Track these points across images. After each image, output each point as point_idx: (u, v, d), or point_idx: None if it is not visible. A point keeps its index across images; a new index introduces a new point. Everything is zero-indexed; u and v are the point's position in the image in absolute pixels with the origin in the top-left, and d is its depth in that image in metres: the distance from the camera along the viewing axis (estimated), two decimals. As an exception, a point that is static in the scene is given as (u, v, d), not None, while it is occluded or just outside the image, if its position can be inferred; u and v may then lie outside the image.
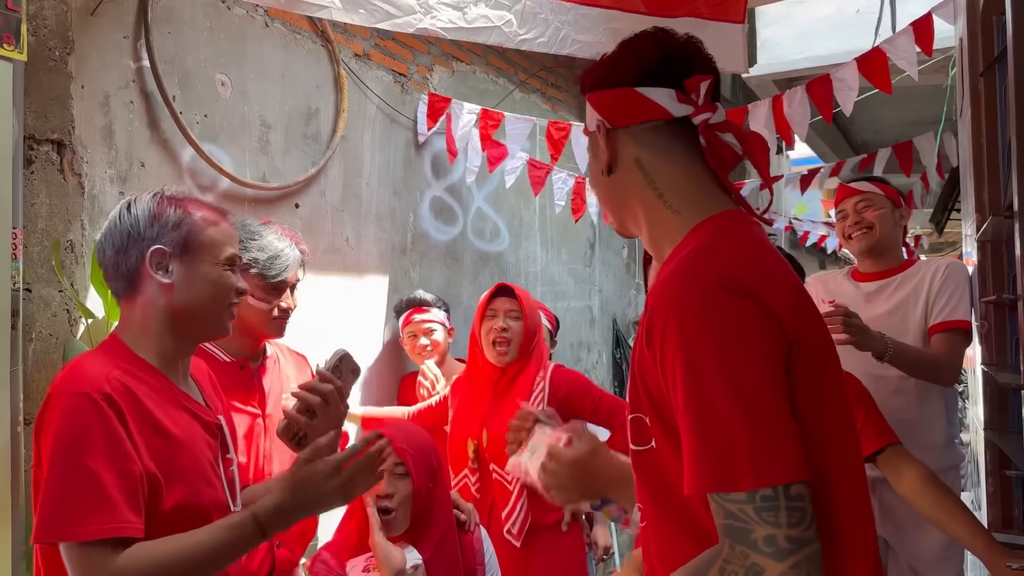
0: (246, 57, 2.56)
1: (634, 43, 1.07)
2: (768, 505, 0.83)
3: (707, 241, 0.98)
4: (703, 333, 0.88)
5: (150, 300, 1.35)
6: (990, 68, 2.04)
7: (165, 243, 1.34)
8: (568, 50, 2.57)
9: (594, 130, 1.09)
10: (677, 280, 0.93)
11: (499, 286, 2.49)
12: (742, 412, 0.84)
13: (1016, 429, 2.10)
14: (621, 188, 1.08)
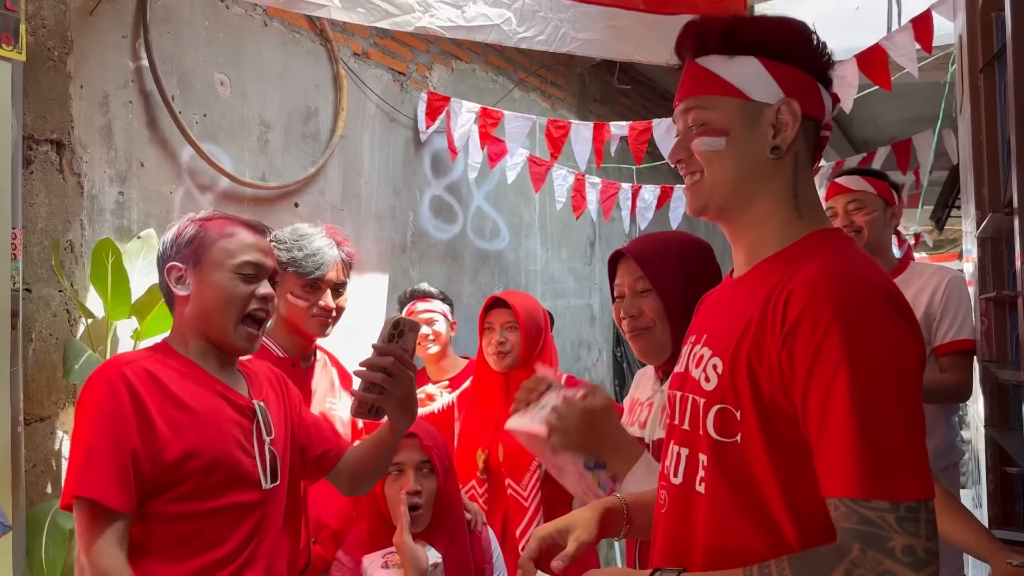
0: (245, 56, 2.56)
1: (812, 37, 1.03)
2: (911, 517, 0.84)
3: (845, 252, 0.97)
4: (878, 343, 0.87)
5: (180, 311, 1.48)
6: (990, 64, 2.04)
7: (180, 259, 1.45)
8: (567, 48, 2.56)
9: (770, 103, 0.99)
10: (831, 283, 0.90)
11: (493, 299, 2.44)
12: (906, 425, 0.86)
13: (1016, 426, 2.10)
14: (767, 172, 1.01)
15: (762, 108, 1.00)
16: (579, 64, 4.60)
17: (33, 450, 1.91)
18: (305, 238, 2.00)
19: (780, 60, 1.00)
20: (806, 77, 1.01)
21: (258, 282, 1.46)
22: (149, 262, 2.13)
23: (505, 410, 2.37)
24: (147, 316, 2.03)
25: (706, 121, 1.02)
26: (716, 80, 1.01)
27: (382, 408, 1.48)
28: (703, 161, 1.03)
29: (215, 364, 1.47)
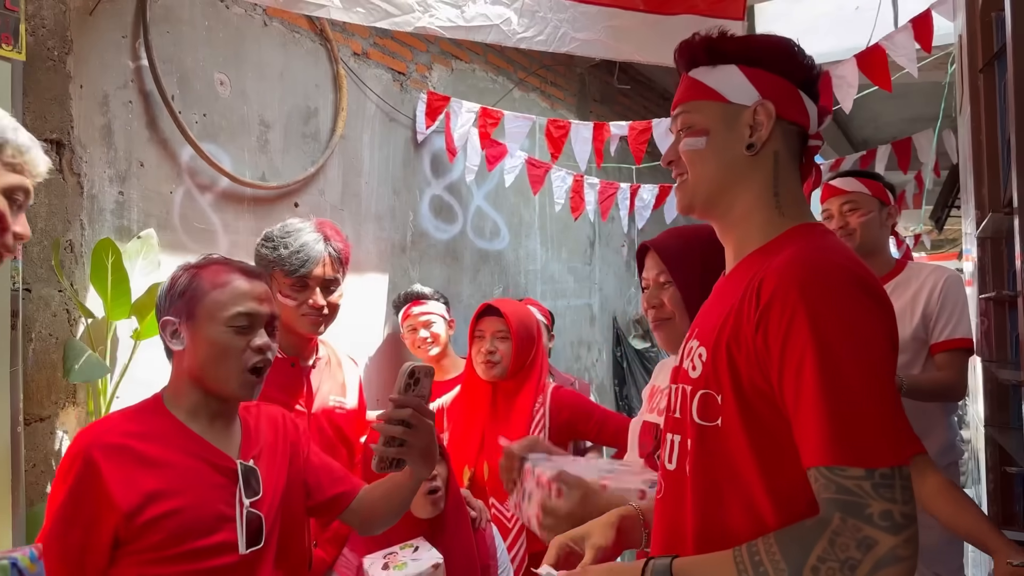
0: (245, 56, 2.56)
1: (794, 48, 1.12)
2: (886, 483, 0.88)
3: (817, 241, 1.03)
4: (837, 319, 0.92)
5: (178, 365, 1.44)
6: (989, 64, 2.04)
7: (172, 313, 1.43)
8: (567, 48, 2.56)
9: (747, 105, 1.08)
10: (799, 268, 0.96)
11: (485, 306, 2.41)
12: (874, 394, 0.90)
13: (1016, 426, 2.10)
14: (746, 169, 1.10)
15: (740, 110, 1.09)
16: (579, 64, 4.60)
17: (33, 450, 1.91)
18: (291, 235, 1.95)
19: (758, 67, 1.09)
20: (785, 83, 1.09)
21: (253, 332, 1.42)
22: (149, 262, 2.13)
23: (491, 422, 2.36)
24: (147, 316, 2.03)
25: (691, 124, 1.12)
26: (700, 87, 1.12)
27: (403, 462, 1.45)
28: (687, 161, 1.13)
29: (205, 420, 1.43)
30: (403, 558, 1.82)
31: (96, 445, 1.32)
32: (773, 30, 5.09)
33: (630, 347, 4.99)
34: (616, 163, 4.43)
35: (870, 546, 0.86)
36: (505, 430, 2.29)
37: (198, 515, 1.34)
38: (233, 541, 1.36)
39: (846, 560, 0.87)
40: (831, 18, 4.86)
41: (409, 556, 1.82)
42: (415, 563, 1.80)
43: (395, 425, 1.40)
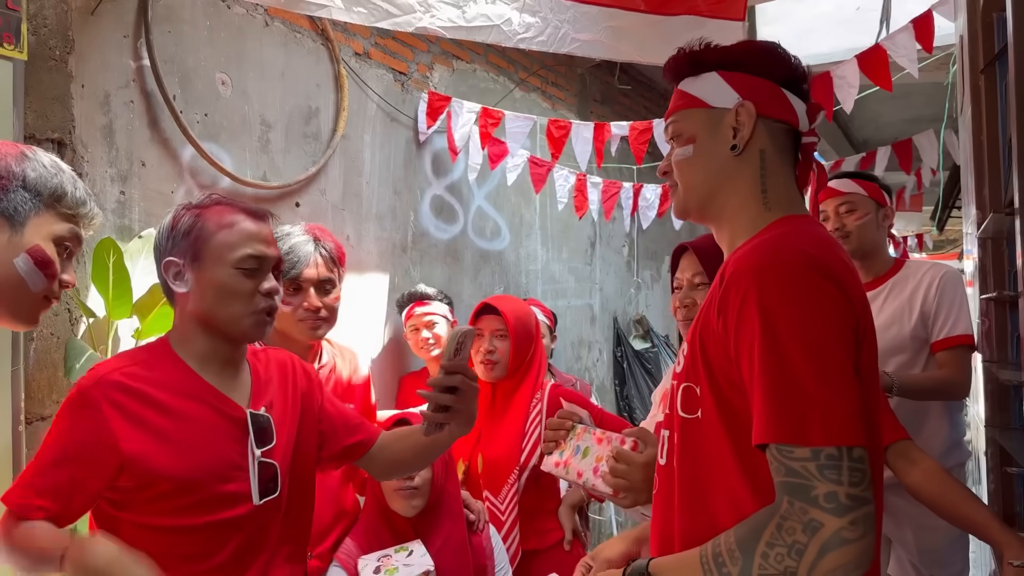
0: (246, 56, 2.56)
1: (775, 49, 1.15)
2: (832, 464, 0.88)
3: (789, 229, 1.06)
4: (785, 299, 0.93)
5: (182, 308, 1.40)
6: (990, 65, 2.04)
7: (176, 254, 1.38)
8: (567, 48, 2.56)
9: (729, 107, 1.11)
10: (759, 253, 0.99)
11: (484, 304, 2.40)
12: (817, 373, 0.90)
13: (1017, 426, 2.10)
14: (733, 170, 1.12)
15: (723, 113, 1.12)
16: (580, 64, 4.60)
17: (34, 449, 1.90)
18: (280, 239, 1.92)
19: (738, 70, 1.13)
20: (765, 83, 1.12)
21: (262, 275, 1.39)
22: (150, 261, 2.10)
23: (488, 420, 2.35)
24: (148, 315, 2.03)
25: (679, 133, 1.17)
26: (685, 96, 1.17)
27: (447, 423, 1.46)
28: (677, 170, 1.17)
29: (215, 367, 1.40)
30: (396, 562, 1.82)
31: (103, 385, 1.28)
32: (774, 31, 5.09)
33: (630, 347, 4.99)
34: (617, 163, 4.43)
35: (815, 529, 0.86)
36: (501, 426, 2.30)
37: (209, 464, 1.31)
38: (247, 491, 1.34)
39: (792, 544, 0.86)
40: (832, 18, 4.86)
41: (402, 561, 1.82)
42: (407, 568, 1.80)
43: (445, 392, 1.40)
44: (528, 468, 2.25)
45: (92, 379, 1.30)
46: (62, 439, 1.27)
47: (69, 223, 1.25)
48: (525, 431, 2.28)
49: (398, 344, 3.22)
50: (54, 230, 1.23)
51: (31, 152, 1.25)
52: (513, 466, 2.24)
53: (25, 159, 1.22)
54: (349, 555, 1.92)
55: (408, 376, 3.16)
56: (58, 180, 1.24)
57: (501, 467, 2.25)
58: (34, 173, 1.21)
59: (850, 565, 0.86)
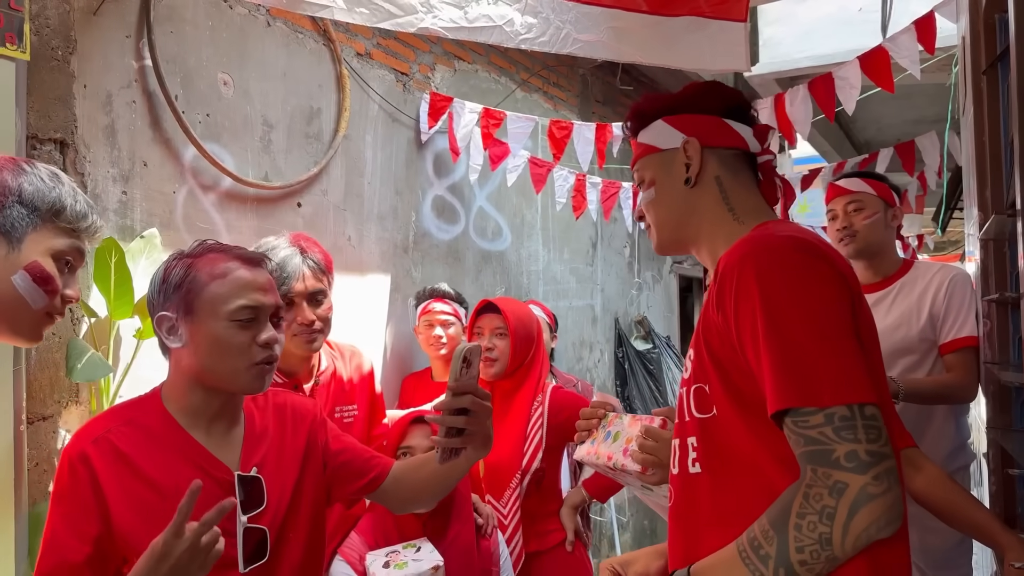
0: (248, 56, 2.56)
1: (712, 87, 1.26)
2: (846, 424, 0.90)
3: (770, 226, 1.13)
4: (779, 276, 0.98)
5: (177, 362, 1.36)
6: (992, 66, 2.04)
7: (169, 308, 1.33)
8: (569, 49, 2.56)
9: (677, 147, 1.22)
10: (747, 244, 1.04)
11: (484, 303, 2.40)
12: (819, 338, 0.94)
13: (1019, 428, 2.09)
14: (696, 200, 1.22)
15: (674, 153, 1.23)
16: (581, 65, 4.60)
17: (35, 449, 1.91)
18: (267, 254, 1.90)
19: (679, 113, 1.24)
20: (707, 118, 1.23)
21: (259, 325, 1.33)
22: (152, 261, 2.13)
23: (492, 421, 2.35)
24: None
25: (642, 179, 1.28)
26: (641, 146, 1.28)
27: (463, 449, 1.39)
28: (646, 212, 1.28)
29: (204, 424, 1.35)
30: (405, 557, 1.82)
31: (92, 448, 1.27)
32: (776, 32, 5.09)
33: (632, 348, 4.99)
34: (618, 164, 4.43)
35: (841, 491, 0.87)
36: (502, 430, 2.29)
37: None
38: (234, 557, 1.29)
39: (823, 509, 0.88)
40: (834, 19, 4.86)
41: (411, 556, 1.82)
42: (416, 563, 1.80)
43: (456, 415, 1.33)
44: (530, 472, 2.25)
45: (82, 443, 1.28)
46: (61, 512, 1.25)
47: (69, 238, 1.22)
48: (527, 435, 2.27)
49: (400, 344, 3.22)
50: (53, 245, 1.20)
51: (29, 165, 1.21)
52: (515, 470, 2.23)
53: (22, 172, 1.18)
54: (354, 549, 1.92)
55: (410, 376, 3.16)
56: (56, 194, 1.19)
57: (503, 471, 2.24)
58: (31, 187, 1.18)
59: (881, 520, 0.87)
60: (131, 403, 1.39)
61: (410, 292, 3.28)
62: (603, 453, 1.49)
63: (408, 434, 1.94)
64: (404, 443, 1.93)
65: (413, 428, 1.95)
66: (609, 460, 1.47)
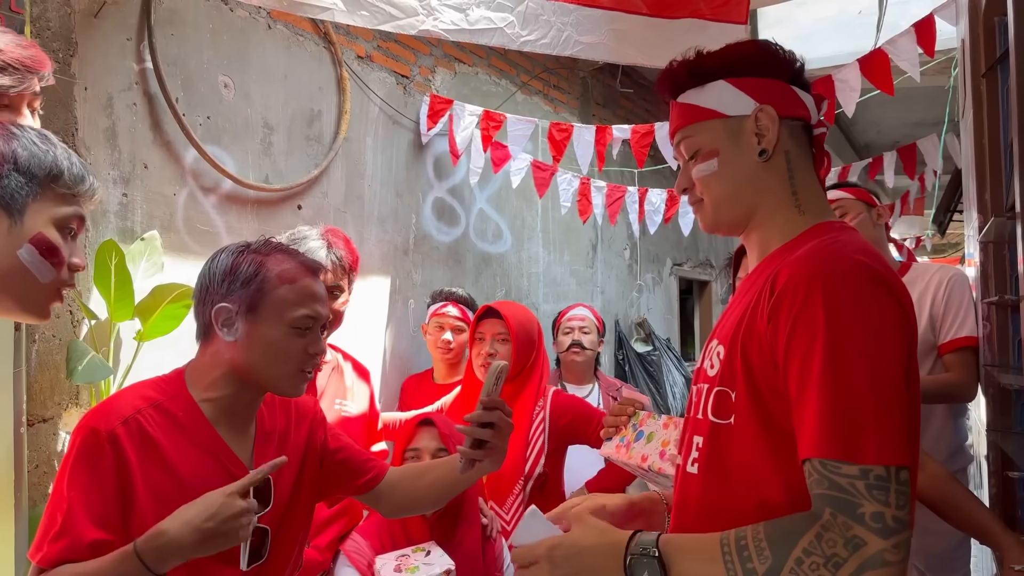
0: (249, 59, 2.57)
1: (774, 47, 1.12)
2: (880, 485, 0.86)
3: (837, 236, 1.02)
4: (851, 311, 0.91)
5: (216, 352, 1.32)
6: (992, 69, 2.04)
7: (232, 300, 1.30)
8: (570, 51, 2.56)
9: (747, 114, 1.09)
10: (818, 261, 0.96)
11: (486, 308, 2.39)
12: (876, 391, 0.88)
13: (1019, 430, 2.09)
14: (763, 176, 1.10)
15: (742, 121, 1.09)
16: (582, 68, 4.60)
17: (36, 451, 1.91)
18: (296, 243, 1.95)
19: (746, 75, 1.10)
20: (776, 83, 1.10)
21: (313, 335, 1.34)
22: (152, 264, 2.13)
23: None
24: (150, 317, 2.04)
25: (698, 147, 1.12)
26: (694, 109, 1.12)
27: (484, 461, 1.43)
28: (702, 185, 1.13)
29: (229, 417, 1.34)
30: (415, 561, 1.81)
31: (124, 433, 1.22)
32: (775, 34, 5.09)
33: (632, 350, 4.99)
34: (618, 167, 4.43)
35: (858, 546, 0.85)
36: None
37: None
38: (236, 554, 1.28)
39: (831, 556, 0.85)
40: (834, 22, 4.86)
41: (421, 560, 1.81)
42: (427, 567, 1.79)
43: (484, 427, 1.38)
44: (533, 477, 2.24)
45: (116, 419, 1.23)
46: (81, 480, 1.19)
47: (70, 204, 1.15)
48: (529, 440, 2.26)
49: (400, 346, 3.22)
50: (55, 214, 1.13)
51: (18, 128, 1.14)
52: (518, 476, 2.23)
53: (12, 137, 1.11)
54: (360, 553, 1.91)
55: (411, 378, 3.16)
56: (52, 157, 1.12)
57: (506, 477, 2.23)
58: (25, 152, 1.10)
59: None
60: (154, 383, 1.34)
61: (410, 294, 3.28)
62: (637, 452, 1.48)
63: (416, 436, 1.94)
64: (412, 445, 1.93)
65: (421, 430, 1.95)
66: (644, 462, 1.46)
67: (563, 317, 3.14)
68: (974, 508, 1.59)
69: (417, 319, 3.28)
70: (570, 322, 3.10)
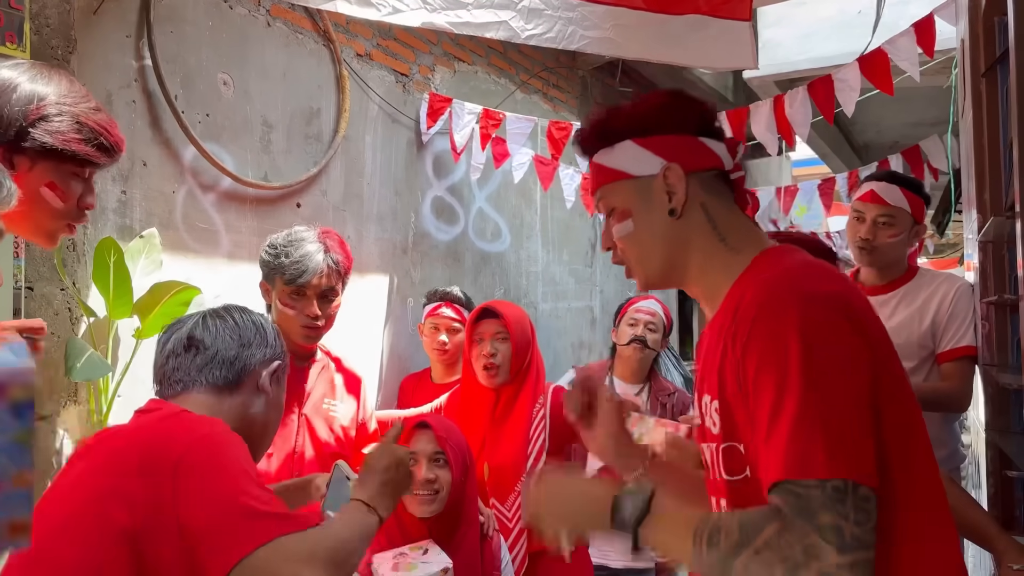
0: (248, 57, 2.56)
1: (681, 100, 1.12)
2: (838, 496, 0.85)
3: (786, 264, 1.02)
4: (797, 335, 0.90)
5: (240, 405, 1.32)
6: (991, 69, 2.04)
7: (282, 360, 1.39)
8: (576, 45, 2.55)
9: (655, 173, 1.08)
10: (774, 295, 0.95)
11: (483, 308, 2.38)
12: (838, 414, 0.88)
13: (1017, 430, 2.09)
14: (682, 232, 1.09)
15: (650, 180, 1.08)
16: (581, 67, 4.60)
17: (35, 448, 1.91)
18: (293, 244, 1.95)
19: (652, 134, 1.09)
20: (682, 139, 1.09)
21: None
22: (151, 261, 2.13)
23: (492, 427, 2.32)
24: (148, 315, 2.03)
25: (612, 208, 1.12)
26: (605, 170, 1.12)
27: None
28: (623, 246, 1.13)
29: None
30: (413, 559, 1.81)
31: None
32: (775, 34, 5.10)
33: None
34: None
35: (815, 555, 0.83)
36: (505, 433, 2.29)
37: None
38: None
39: (788, 557, 0.84)
40: (834, 21, 4.86)
41: (419, 558, 1.81)
42: (425, 565, 1.79)
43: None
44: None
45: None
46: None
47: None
48: (530, 437, 2.26)
49: (398, 345, 3.22)
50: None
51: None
52: (520, 473, 2.23)
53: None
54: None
55: (410, 377, 3.16)
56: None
57: (508, 475, 2.23)
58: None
59: None
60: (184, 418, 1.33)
61: (409, 293, 3.28)
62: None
63: (412, 438, 1.92)
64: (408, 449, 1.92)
65: (417, 433, 1.93)
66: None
67: (630, 306, 2.99)
68: (971, 510, 1.59)
69: (415, 318, 3.27)
70: (637, 314, 2.96)
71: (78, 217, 1.27)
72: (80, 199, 1.25)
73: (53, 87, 1.21)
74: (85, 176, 1.26)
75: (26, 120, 1.17)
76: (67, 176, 1.22)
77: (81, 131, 1.23)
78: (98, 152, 1.25)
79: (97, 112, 1.26)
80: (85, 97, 1.25)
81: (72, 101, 1.22)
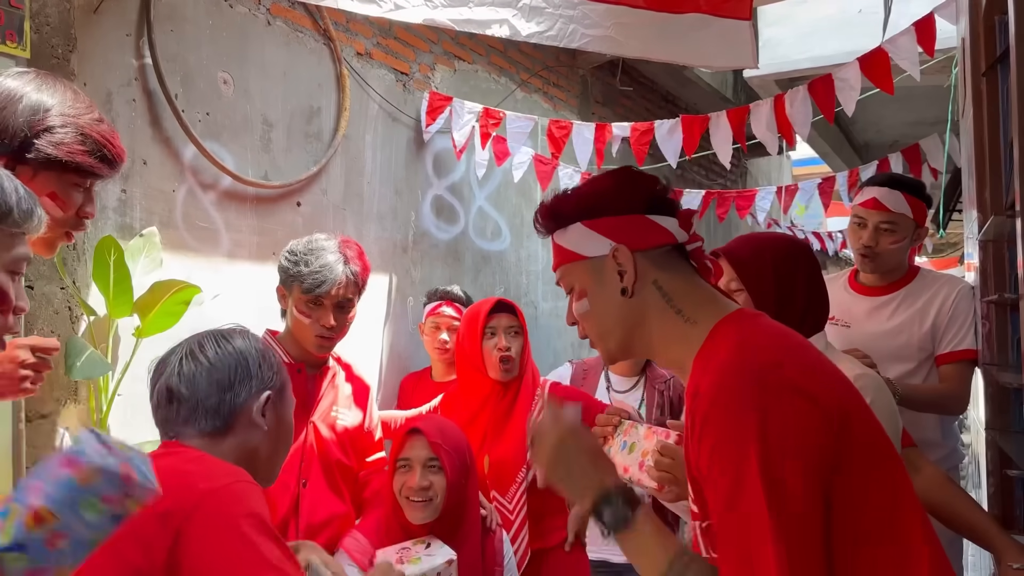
0: (248, 55, 2.56)
1: (627, 179, 1.14)
2: None
3: (745, 336, 1.01)
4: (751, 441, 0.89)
5: (243, 443, 1.26)
6: (992, 68, 2.04)
7: (272, 388, 1.29)
8: (577, 44, 2.55)
9: (605, 254, 1.09)
10: (720, 383, 0.95)
11: (496, 302, 2.39)
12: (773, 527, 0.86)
13: (1018, 429, 2.09)
14: (636, 310, 1.09)
15: (602, 261, 1.10)
16: (581, 66, 4.60)
17: (34, 447, 1.91)
18: (314, 252, 1.95)
19: (600, 215, 1.11)
20: (630, 219, 1.10)
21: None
22: (151, 260, 2.13)
23: (493, 421, 2.33)
24: (148, 314, 2.03)
25: (571, 286, 1.15)
26: (562, 251, 1.15)
27: None
28: (584, 323, 1.15)
29: None
30: (416, 553, 1.81)
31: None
32: (776, 33, 5.10)
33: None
34: (617, 164, 4.42)
35: None
36: (506, 426, 2.30)
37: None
38: None
39: None
40: (834, 21, 4.86)
41: (423, 552, 1.82)
42: (428, 559, 1.79)
43: None
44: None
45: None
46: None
47: (21, 245, 1.03)
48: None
49: (399, 344, 3.22)
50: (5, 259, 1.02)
51: None
52: (521, 465, 2.25)
53: None
54: (361, 551, 1.91)
55: (410, 376, 3.16)
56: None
57: (508, 467, 2.25)
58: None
59: None
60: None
61: (409, 292, 3.28)
62: (619, 464, 1.47)
63: (406, 445, 1.92)
64: (402, 455, 1.91)
65: (411, 438, 1.92)
66: (626, 473, 1.46)
67: None
68: (970, 511, 1.59)
69: (416, 317, 3.27)
70: None
71: (77, 226, 1.25)
72: (80, 208, 1.24)
73: (58, 98, 1.20)
74: (86, 186, 1.24)
75: (31, 131, 1.15)
76: (69, 187, 1.21)
77: (85, 143, 1.22)
78: (101, 164, 1.24)
79: (100, 124, 1.25)
80: (89, 108, 1.24)
81: (76, 113, 1.21)
